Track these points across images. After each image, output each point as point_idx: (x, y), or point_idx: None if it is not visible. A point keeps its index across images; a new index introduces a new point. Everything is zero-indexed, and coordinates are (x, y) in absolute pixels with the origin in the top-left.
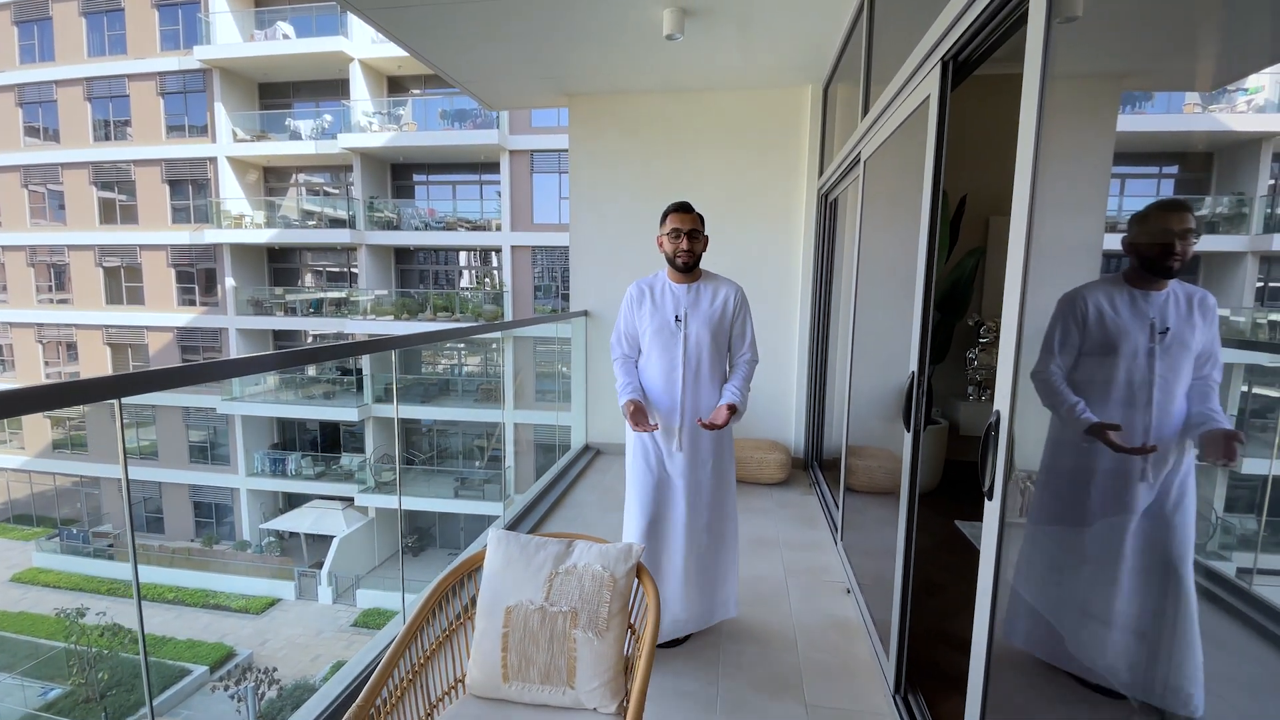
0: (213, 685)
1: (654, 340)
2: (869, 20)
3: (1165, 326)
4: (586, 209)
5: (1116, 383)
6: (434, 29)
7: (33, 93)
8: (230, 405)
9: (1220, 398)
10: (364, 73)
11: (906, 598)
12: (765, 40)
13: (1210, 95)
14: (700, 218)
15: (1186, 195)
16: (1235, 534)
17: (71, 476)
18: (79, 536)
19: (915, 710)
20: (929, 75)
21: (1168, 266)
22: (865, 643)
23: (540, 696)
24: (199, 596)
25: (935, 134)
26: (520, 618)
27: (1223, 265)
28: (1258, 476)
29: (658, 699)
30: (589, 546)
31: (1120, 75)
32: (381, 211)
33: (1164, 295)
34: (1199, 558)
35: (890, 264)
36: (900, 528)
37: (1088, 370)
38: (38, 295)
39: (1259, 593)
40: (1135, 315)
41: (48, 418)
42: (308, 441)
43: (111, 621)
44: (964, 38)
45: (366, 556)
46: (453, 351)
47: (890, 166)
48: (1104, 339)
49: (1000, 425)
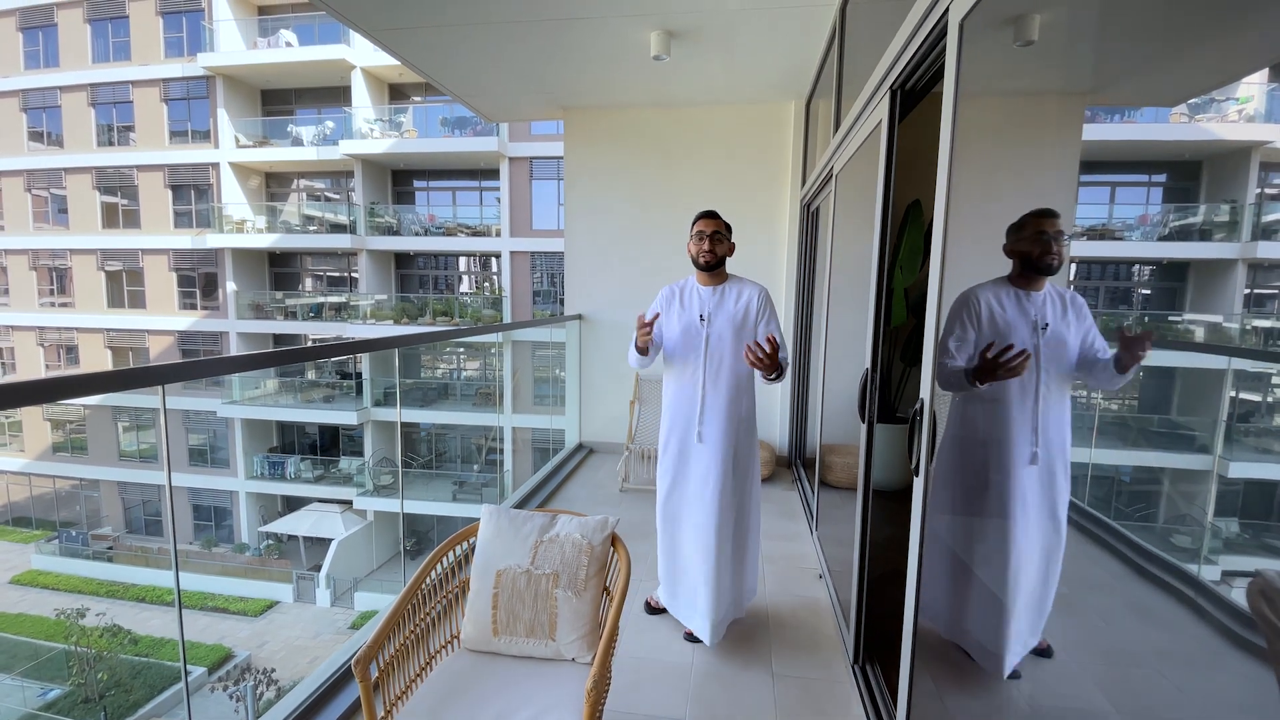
0: (211, 686)
1: (680, 339)
2: (840, 45)
3: (1046, 323)
4: (581, 217)
5: None
6: (436, 49)
7: (37, 98)
8: (230, 409)
9: (1208, 402)
10: (365, 80)
11: (864, 578)
12: (748, 60)
13: (1196, 105)
14: (726, 224)
15: (1176, 203)
16: (1222, 538)
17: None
18: (78, 539)
19: (871, 677)
20: (881, 102)
21: (1047, 264)
22: (831, 621)
23: (526, 648)
24: (197, 599)
25: (885, 156)
26: (509, 579)
27: (1213, 273)
28: (1247, 480)
29: (638, 669)
30: (570, 519)
31: (1083, 92)
32: (382, 217)
33: (1042, 295)
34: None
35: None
36: (858, 513)
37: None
38: (40, 299)
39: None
40: (1020, 313)
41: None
42: (307, 445)
43: (111, 623)
44: (909, 67)
45: (365, 559)
46: (452, 356)
47: (858, 181)
48: (995, 334)
49: (924, 410)
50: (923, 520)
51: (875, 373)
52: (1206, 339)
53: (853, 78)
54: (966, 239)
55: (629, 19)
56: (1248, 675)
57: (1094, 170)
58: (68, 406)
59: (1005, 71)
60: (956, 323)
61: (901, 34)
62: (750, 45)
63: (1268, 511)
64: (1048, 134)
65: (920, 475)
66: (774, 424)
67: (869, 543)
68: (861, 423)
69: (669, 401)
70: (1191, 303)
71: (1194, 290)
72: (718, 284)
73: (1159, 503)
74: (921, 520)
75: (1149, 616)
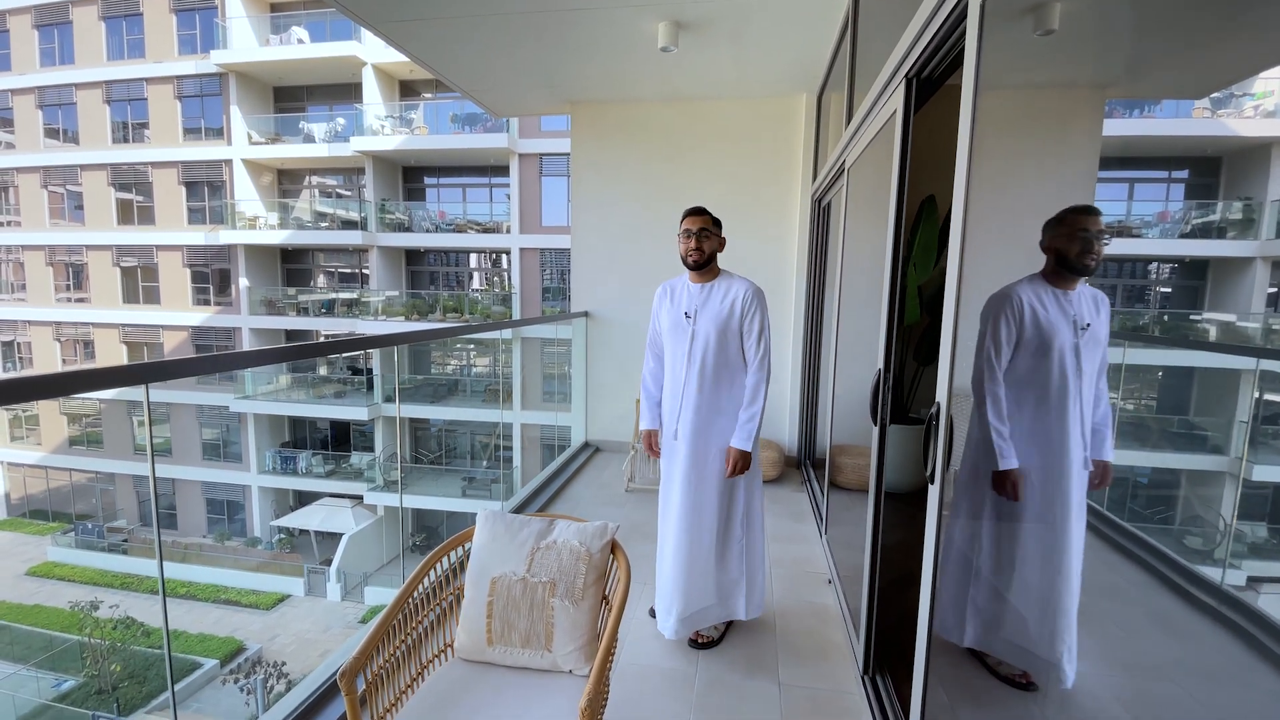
0: (223, 678)
1: (669, 336)
2: (853, 35)
3: (1086, 323)
4: (588, 213)
5: (1051, 376)
6: (443, 44)
7: (53, 95)
8: (242, 404)
9: (1229, 404)
10: (376, 77)
11: (875, 584)
12: (758, 52)
13: (1219, 100)
14: (714, 220)
15: (1198, 200)
16: (1246, 542)
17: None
18: (94, 531)
19: (881, 689)
20: (895, 91)
21: (1084, 266)
22: (840, 629)
23: (521, 659)
24: (210, 591)
25: (900, 147)
26: (504, 587)
27: (1230, 270)
28: (1270, 484)
29: (639, 677)
30: (568, 525)
31: (1102, 85)
32: (393, 214)
33: (1077, 294)
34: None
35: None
36: (869, 516)
37: (1022, 366)
38: (56, 294)
39: (1261, 606)
40: (1061, 313)
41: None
42: (318, 440)
43: (125, 615)
44: (925, 54)
45: (375, 554)
46: (462, 352)
47: (871, 175)
48: (1038, 335)
49: (940, 415)
50: (938, 528)
51: (888, 373)
52: (1223, 338)
53: (866, 67)
54: (982, 234)
55: (637, 9)
56: None
57: (1110, 166)
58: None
59: (1024, 62)
60: (1000, 324)
61: (918, 19)
62: (761, 35)
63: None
64: (1066, 128)
65: (936, 482)
66: (783, 424)
67: (880, 549)
68: (874, 425)
69: (663, 399)
70: (1210, 301)
71: (1211, 289)
72: (707, 281)
73: (1176, 505)
74: (937, 528)
75: (1169, 626)
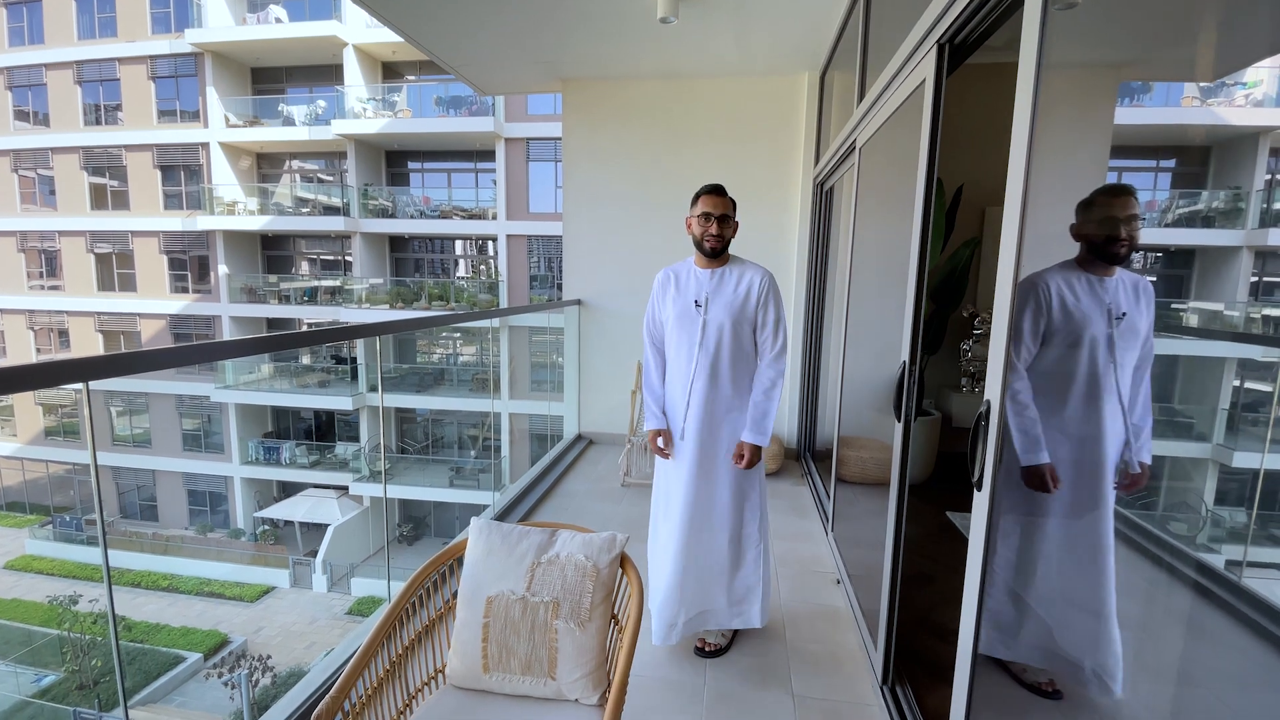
0: (206, 672)
1: (675, 326)
2: (866, 4)
3: (1122, 311)
4: (580, 197)
5: (1080, 367)
6: (427, 13)
7: (22, 76)
8: (223, 393)
9: (1212, 391)
10: (358, 58)
11: (895, 589)
12: (761, 25)
13: (1209, 89)
14: (733, 203)
15: (1183, 189)
16: (1225, 527)
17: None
18: (72, 524)
19: (903, 701)
20: (925, 59)
21: (1116, 252)
22: (854, 633)
23: (521, 687)
24: (193, 584)
25: (930, 119)
26: (501, 608)
27: (1217, 260)
28: (1248, 470)
29: (644, 689)
30: (572, 536)
31: (1118, 65)
32: (376, 199)
33: (1114, 281)
34: (1190, 550)
35: (884, 253)
36: (890, 518)
37: (1051, 357)
38: (29, 281)
39: (1249, 586)
40: (1094, 301)
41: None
42: (302, 430)
43: (104, 608)
44: (961, 18)
45: (361, 545)
46: (448, 341)
47: (885, 154)
48: (1068, 324)
49: (990, 415)
50: (986, 539)
51: (914, 366)
52: (1206, 326)
53: (880, 40)
54: (997, 218)
55: None
56: None
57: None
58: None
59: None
60: (1025, 313)
61: None
62: (764, 6)
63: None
64: (1081, 110)
65: (985, 489)
66: (782, 415)
67: (902, 555)
68: (897, 421)
69: (666, 392)
70: (1196, 291)
71: (1197, 278)
72: (718, 267)
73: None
74: (985, 539)
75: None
